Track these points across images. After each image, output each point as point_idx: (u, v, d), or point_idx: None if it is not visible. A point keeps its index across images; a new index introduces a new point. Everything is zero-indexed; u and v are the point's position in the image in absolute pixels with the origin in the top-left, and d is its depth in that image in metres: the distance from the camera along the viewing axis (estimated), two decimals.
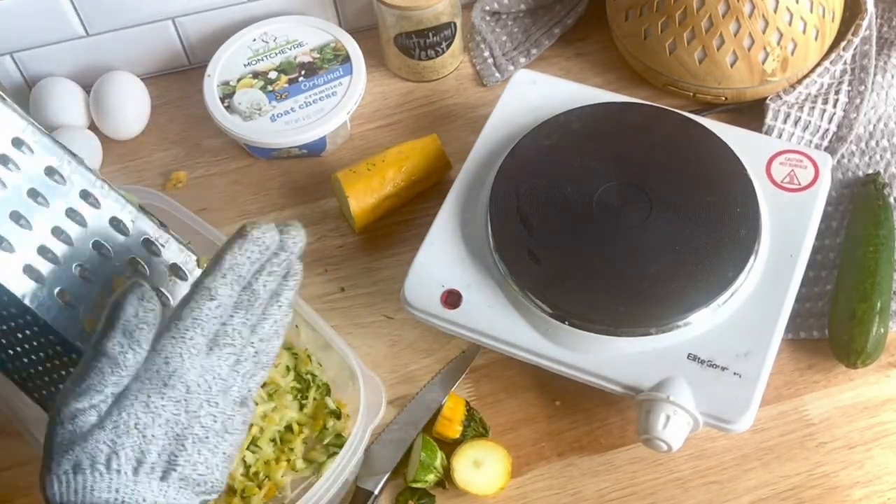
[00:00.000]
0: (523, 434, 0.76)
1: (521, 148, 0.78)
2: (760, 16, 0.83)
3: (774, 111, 0.87)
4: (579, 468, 0.74)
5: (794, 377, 0.77)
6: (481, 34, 0.97)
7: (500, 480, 0.73)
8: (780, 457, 0.73)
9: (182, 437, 0.51)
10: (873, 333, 0.74)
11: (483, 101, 0.95)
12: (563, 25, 0.97)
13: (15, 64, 0.95)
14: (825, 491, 0.72)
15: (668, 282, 0.71)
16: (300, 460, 0.73)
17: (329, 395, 0.76)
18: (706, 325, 0.70)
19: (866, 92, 0.87)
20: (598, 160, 0.77)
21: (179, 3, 0.93)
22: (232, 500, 0.71)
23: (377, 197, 0.84)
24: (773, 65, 0.86)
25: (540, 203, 0.75)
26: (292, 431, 0.74)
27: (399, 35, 0.92)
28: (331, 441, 0.74)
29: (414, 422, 0.76)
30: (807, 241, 0.73)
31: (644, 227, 0.73)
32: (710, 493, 0.72)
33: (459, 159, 0.82)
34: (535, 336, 0.71)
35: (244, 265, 0.52)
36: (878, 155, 0.86)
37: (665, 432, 0.66)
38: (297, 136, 0.88)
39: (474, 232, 0.76)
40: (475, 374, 0.79)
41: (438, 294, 0.74)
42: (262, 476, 0.72)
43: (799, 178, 0.76)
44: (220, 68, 0.93)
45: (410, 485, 0.73)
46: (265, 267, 0.53)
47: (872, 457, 0.73)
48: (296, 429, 0.74)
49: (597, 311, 0.70)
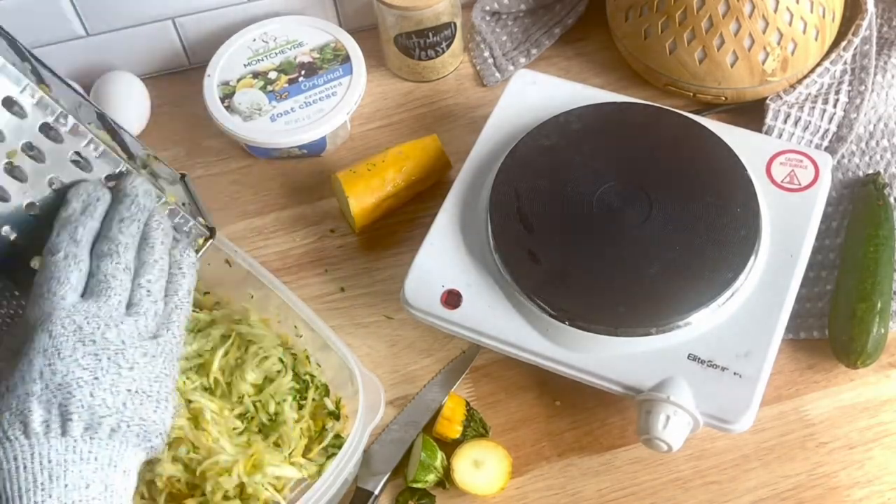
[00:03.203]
0: (523, 434, 0.76)
1: (521, 148, 0.78)
2: (760, 16, 0.83)
3: (774, 111, 0.87)
4: (579, 468, 0.74)
5: (795, 377, 0.77)
6: (481, 34, 0.97)
7: (500, 480, 0.73)
8: (781, 457, 0.73)
9: (65, 385, 0.50)
10: (873, 333, 0.74)
11: (483, 101, 0.95)
12: (563, 25, 0.97)
13: None
14: (825, 491, 0.72)
15: (669, 282, 0.71)
16: (299, 460, 0.73)
17: (328, 396, 0.76)
18: (706, 325, 0.70)
19: (866, 92, 0.87)
20: (598, 160, 0.77)
21: (179, 3, 0.93)
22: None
23: (377, 197, 0.84)
24: (773, 65, 0.85)
25: (540, 203, 0.75)
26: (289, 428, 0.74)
27: (399, 35, 0.92)
28: (330, 442, 0.74)
29: (414, 422, 0.76)
30: (807, 241, 0.73)
31: (644, 227, 0.73)
32: (711, 493, 0.72)
33: (459, 159, 0.82)
34: (535, 336, 0.71)
35: (73, 216, 0.55)
36: (878, 155, 0.86)
37: (665, 432, 0.66)
38: (297, 136, 0.88)
39: (474, 232, 0.76)
40: (475, 374, 0.79)
41: (438, 294, 0.74)
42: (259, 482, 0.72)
43: (799, 178, 0.76)
44: (220, 68, 0.93)
45: (410, 485, 0.73)
46: (114, 215, 0.56)
47: (872, 457, 0.73)
48: (294, 428, 0.74)
49: (597, 311, 0.70)
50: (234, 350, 0.76)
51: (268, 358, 0.75)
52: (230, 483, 0.70)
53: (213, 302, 0.80)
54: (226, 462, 0.70)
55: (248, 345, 0.76)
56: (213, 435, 0.71)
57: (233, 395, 0.74)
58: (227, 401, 0.74)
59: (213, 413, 0.72)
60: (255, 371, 0.75)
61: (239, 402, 0.74)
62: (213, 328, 0.77)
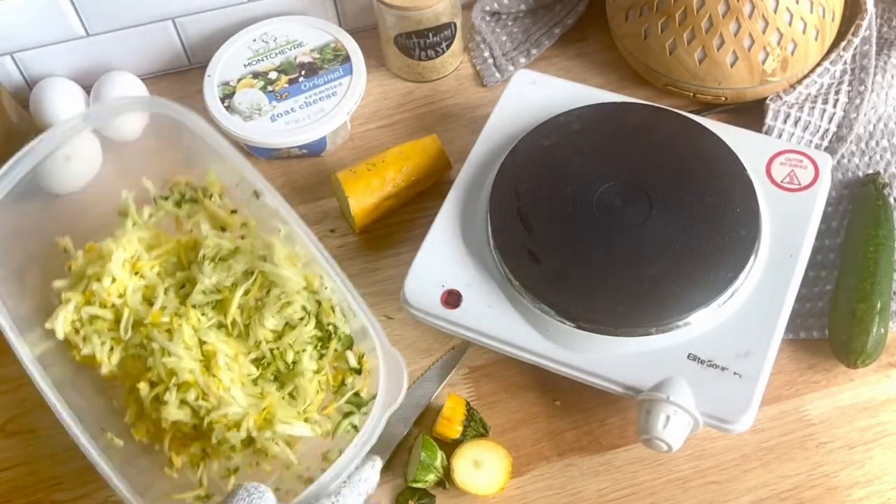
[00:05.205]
0: (523, 434, 0.76)
1: (521, 148, 0.78)
2: (760, 16, 0.83)
3: (774, 111, 0.87)
4: (579, 468, 0.74)
5: (794, 377, 0.77)
6: (481, 34, 0.97)
7: (500, 480, 0.73)
8: (780, 457, 0.73)
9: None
10: (873, 333, 0.74)
11: (483, 101, 0.95)
12: (563, 25, 0.97)
13: (15, 64, 0.95)
14: (825, 491, 0.72)
15: (669, 282, 0.71)
16: (314, 416, 0.70)
17: (351, 349, 0.72)
18: (706, 325, 0.70)
19: (866, 92, 0.87)
20: (598, 160, 0.77)
21: (179, 3, 0.93)
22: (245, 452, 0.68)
23: (377, 197, 0.84)
24: (773, 65, 0.86)
25: (540, 203, 0.75)
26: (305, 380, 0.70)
27: (399, 35, 0.92)
28: (349, 399, 0.70)
29: (404, 418, 0.76)
30: (807, 241, 0.73)
31: (644, 227, 0.73)
32: (710, 493, 0.72)
33: (459, 159, 0.82)
34: (535, 336, 0.71)
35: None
36: (878, 155, 0.86)
37: (665, 432, 0.66)
38: (297, 136, 0.88)
39: (474, 232, 0.76)
40: (475, 374, 0.79)
41: (438, 294, 0.74)
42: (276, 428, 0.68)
43: (799, 178, 0.76)
44: (220, 68, 0.93)
45: (410, 485, 0.73)
46: None
47: (872, 457, 0.73)
48: (312, 381, 0.70)
49: (597, 311, 0.70)
50: (256, 289, 0.72)
51: (290, 304, 0.72)
52: (237, 438, 0.67)
53: (241, 223, 0.77)
54: (235, 415, 0.67)
55: (270, 286, 0.72)
56: (225, 383, 0.68)
57: (250, 339, 0.71)
58: (242, 344, 0.71)
59: (227, 358, 0.69)
60: (275, 317, 0.71)
61: (255, 348, 0.71)
62: (236, 260, 0.73)
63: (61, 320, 0.72)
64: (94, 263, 0.74)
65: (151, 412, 0.69)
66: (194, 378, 0.68)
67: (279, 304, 0.71)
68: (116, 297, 0.73)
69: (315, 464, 0.68)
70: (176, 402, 0.68)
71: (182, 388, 0.68)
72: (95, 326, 0.73)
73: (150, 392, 0.70)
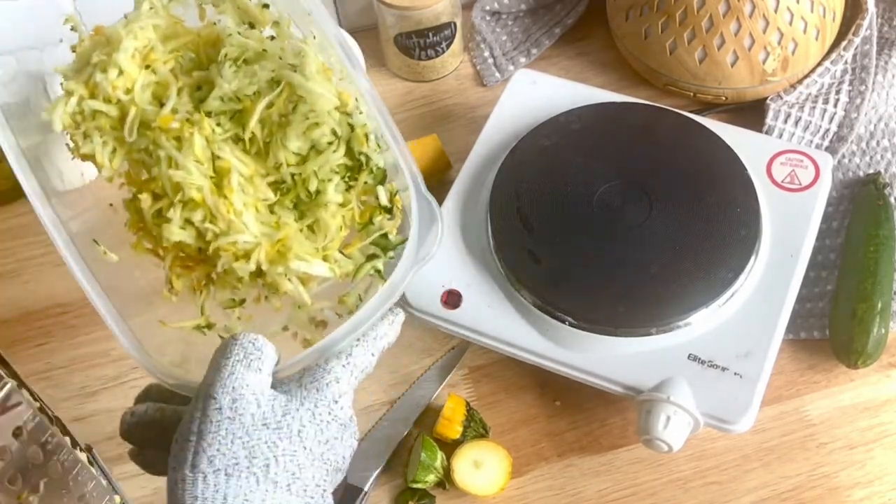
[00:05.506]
0: (523, 434, 0.76)
1: (521, 148, 0.78)
2: (761, 16, 0.83)
3: (775, 111, 0.87)
4: (579, 468, 0.74)
5: (795, 377, 0.77)
6: (481, 34, 0.97)
7: (501, 481, 0.73)
8: (781, 457, 0.73)
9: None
10: (874, 333, 0.74)
11: (483, 101, 0.95)
12: (563, 25, 0.97)
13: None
14: (826, 491, 0.72)
15: (669, 282, 0.70)
16: (334, 254, 0.61)
17: (383, 185, 0.62)
18: (707, 325, 0.70)
19: (867, 92, 0.87)
20: (598, 160, 0.77)
21: None
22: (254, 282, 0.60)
23: None
24: (773, 65, 0.85)
25: (540, 203, 0.75)
26: (328, 214, 0.61)
27: (399, 35, 0.92)
28: (375, 240, 0.61)
29: (404, 418, 0.76)
30: (807, 241, 0.73)
31: (644, 227, 0.73)
32: (711, 493, 0.72)
33: (459, 159, 0.82)
34: (535, 336, 0.71)
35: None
36: (878, 155, 0.86)
37: (665, 433, 0.66)
38: None
39: (474, 232, 0.76)
40: (475, 374, 0.79)
41: (438, 294, 0.74)
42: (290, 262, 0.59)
43: (799, 178, 0.76)
44: None
45: (410, 485, 0.73)
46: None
47: (873, 457, 0.73)
48: (335, 215, 0.61)
49: (597, 311, 0.70)
50: (281, 103, 0.61)
51: (319, 125, 0.60)
52: (246, 270, 0.59)
53: (272, 20, 0.65)
54: (245, 244, 0.59)
55: (298, 101, 0.61)
56: (237, 206, 0.59)
57: (269, 160, 0.61)
58: (261, 164, 0.61)
59: (242, 178, 0.60)
60: (300, 138, 0.61)
61: (275, 170, 0.61)
62: (261, 66, 0.62)
63: (60, 112, 0.62)
64: (101, 50, 0.64)
65: (153, 227, 0.61)
66: (202, 197, 0.59)
67: (306, 124, 0.61)
68: (123, 92, 0.62)
69: (330, 306, 0.61)
70: (180, 220, 0.59)
71: (188, 207, 0.59)
72: (98, 123, 0.62)
73: (153, 206, 0.61)
